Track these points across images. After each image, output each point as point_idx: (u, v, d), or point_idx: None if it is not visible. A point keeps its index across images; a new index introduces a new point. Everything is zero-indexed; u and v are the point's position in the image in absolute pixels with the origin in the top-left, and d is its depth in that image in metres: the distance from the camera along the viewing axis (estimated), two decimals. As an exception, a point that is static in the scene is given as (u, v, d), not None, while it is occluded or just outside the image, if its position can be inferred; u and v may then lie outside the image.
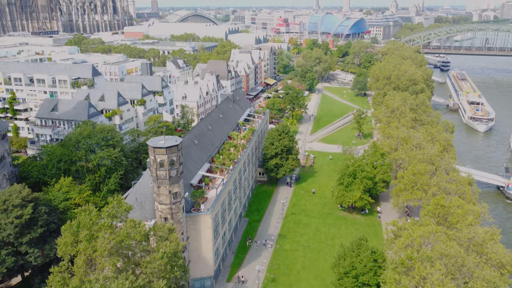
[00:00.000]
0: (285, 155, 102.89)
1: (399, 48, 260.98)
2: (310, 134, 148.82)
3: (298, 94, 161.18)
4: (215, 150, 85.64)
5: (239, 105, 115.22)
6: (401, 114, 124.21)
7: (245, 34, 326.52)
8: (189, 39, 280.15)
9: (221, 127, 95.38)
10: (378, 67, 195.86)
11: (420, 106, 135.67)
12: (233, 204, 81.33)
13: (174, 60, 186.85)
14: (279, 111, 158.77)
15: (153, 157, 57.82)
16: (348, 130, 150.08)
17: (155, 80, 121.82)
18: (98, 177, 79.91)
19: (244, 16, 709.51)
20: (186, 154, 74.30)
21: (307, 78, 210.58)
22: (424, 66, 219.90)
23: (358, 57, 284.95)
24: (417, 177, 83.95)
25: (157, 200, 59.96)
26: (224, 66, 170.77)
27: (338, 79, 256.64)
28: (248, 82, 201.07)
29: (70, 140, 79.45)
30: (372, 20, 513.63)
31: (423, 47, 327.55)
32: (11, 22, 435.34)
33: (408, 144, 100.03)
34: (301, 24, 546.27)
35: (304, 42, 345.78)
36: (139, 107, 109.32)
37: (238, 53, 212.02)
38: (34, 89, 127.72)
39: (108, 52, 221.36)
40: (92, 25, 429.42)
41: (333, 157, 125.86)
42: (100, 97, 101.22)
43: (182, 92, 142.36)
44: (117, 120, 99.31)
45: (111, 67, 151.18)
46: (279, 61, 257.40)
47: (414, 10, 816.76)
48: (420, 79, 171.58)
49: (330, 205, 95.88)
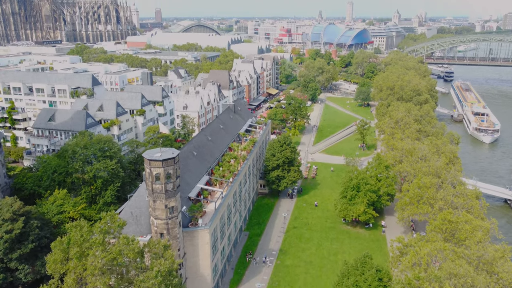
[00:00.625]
0: (287, 166, 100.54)
1: (402, 59, 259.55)
2: (313, 145, 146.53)
3: (301, 104, 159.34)
4: (215, 161, 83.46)
5: (240, 115, 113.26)
6: (405, 125, 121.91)
7: (248, 44, 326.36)
8: (192, 49, 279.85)
9: (222, 138, 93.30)
10: (381, 77, 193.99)
11: (424, 117, 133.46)
12: (233, 217, 78.87)
13: (175, 70, 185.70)
14: (281, 122, 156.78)
15: (149, 170, 55.68)
16: (351, 141, 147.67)
17: (155, 90, 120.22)
18: (94, 189, 77.79)
19: (247, 26, 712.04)
20: (184, 166, 72.20)
21: (309, 88, 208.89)
22: (428, 76, 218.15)
23: (361, 67, 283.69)
24: (422, 191, 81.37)
25: (153, 215, 57.65)
26: (225, 75, 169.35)
27: (341, 89, 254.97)
28: (250, 92, 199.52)
29: (66, 151, 77.51)
30: (375, 31, 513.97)
31: (426, 58, 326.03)
32: (15, 32, 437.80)
33: (413, 156, 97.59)
34: (304, 34, 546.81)
35: (307, 52, 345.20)
36: (139, 117, 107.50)
37: (240, 63, 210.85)
38: (33, 99, 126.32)
39: (110, 62, 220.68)
40: (95, 34, 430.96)
41: (336, 168, 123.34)
42: (98, 107, 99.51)
43: (183, 102, 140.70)
44: (115, 130, 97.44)
45: (112, 77, 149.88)
46: (281, 71, 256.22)
47: (417, 20, 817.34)
48: (424, 89, 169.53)
49: (333, 219, 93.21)
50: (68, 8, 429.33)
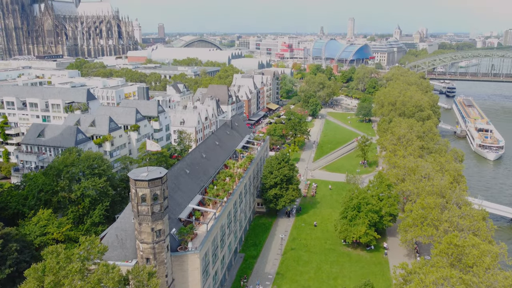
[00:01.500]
0: (285, 185, 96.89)
1: (404, 74, 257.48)
2: (313, 162, 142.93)
3: (300, 120, 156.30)
4: (209, 180, 79.91)
5: (237, 131, 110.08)
6: (407, 142, 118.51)
7: (248, 59, 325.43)
8: (192, 64, 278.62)
9: (217, 155, 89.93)
10: (382, 93, 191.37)
11: (427, 133, 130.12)
12: (227, 239, 74.95)
13: (174, 85, 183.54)
14: (281, 138, 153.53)
15: (135, 191, 52.22)
16: (352, 157, 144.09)
17: (151, 104, 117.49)
18: (82, 209, 74.15)
19: (249, 41, 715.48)
20: (175, 185, 68.72)
21: (310, 103, 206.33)
22: (430, 92, 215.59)
23: (363, 83, 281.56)
24: (426, 212, 77.49)
25: (139, 239, 53.95)
26: (224, 90, 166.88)
27: (342, 104, 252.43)
28: (250, 107, 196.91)
29: (52, 168, 74.14)
30: (376, 46, 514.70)
31: (428, 73, 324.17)
32: (17, 46, 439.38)
33: (416, 175, 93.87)
34: (305, 49, 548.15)
35: (308, 67, 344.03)
36: (133, 132, 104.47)
37: (240, 78, 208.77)
38: (27, 113, 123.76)
39: (109, 76, 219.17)
40: (97, 49, 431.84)
41: (336, 186, 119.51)
42: (91, 122, 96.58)
43: (180, 117, 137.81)
44: (107, 146, 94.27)
45: (108, 91, 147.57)
46: (282, 86, 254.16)
47: (418, 36, 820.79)
48: (426, 105, 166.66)
49: (333, 240, 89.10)
50: (70, 23, 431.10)
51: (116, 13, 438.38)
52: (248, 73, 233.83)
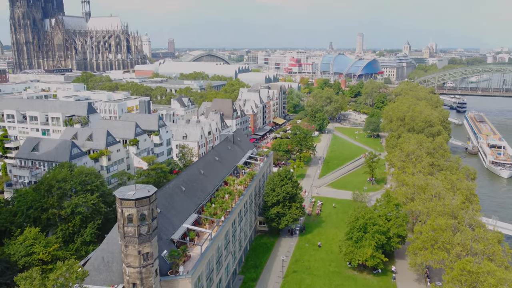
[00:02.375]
0: (288, 203, 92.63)
1: (413, 89, 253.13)
2: (319, 178, 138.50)
3: (307, 134, 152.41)
4: (207, 197, 76.12)
5: (239, 146, 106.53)
6: (417, 159, 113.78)
7: (255, 73, 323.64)
8: (198, 78, 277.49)
9: (216, 171, 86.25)
10: (391, 108, 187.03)
11: (437, 150, 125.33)
12: (224, 261, 70.71)
13: (179, 98, 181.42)
14: (286, 153, 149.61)
15: (121, 210, 48.66)
16: (360, 174, 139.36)
17: (152, 118, 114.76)
18: (72, 227, 70.65)
19: (257, 56, 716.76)
20: (169, 204, 65.04)
21: (317, 118, 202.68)
22: (440, 107, 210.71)
23: (371, 98, 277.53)
24: (437, 234, 72.63)
25: (125, 262, 50.15)
26: (229, 104, 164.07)
27: (350, 119, 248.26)
28: (255, 121, 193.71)
29: (42, 184, 71.01)
30: (385, 61, 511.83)
31: (438, 88, 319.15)
32: (28, 60, 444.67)
33: (425, 194, 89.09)
34: (313, 64, 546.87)
35: (316, 82, 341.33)
36: (131, 147, 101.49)
37: (246, 92, 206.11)
38: (27, 127, 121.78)
39: (115, 90, 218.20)
40: (105, 63, 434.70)
41: (342, 204, 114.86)
42: (88, 136, 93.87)
43: (182, 131, 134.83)
44: (104, 161, 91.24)
45: (111, 105, 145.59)
46: (289, 101, 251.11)
47: (428, 52, 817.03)
48: (436, 120, 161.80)
49: (338, 262, 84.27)
50: (80, 38, 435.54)
51: (125, 28, 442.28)
52: (254, 87, 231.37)
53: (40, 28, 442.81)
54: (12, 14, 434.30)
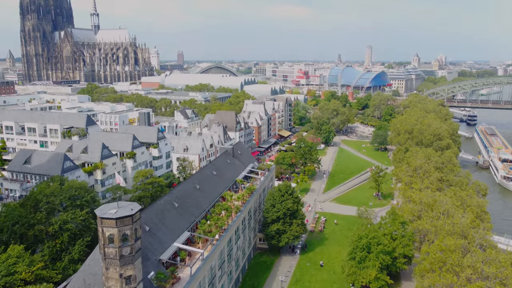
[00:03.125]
0: (288, 219, 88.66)
1: (422, 101, 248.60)
2: (323, 193, 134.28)
3: (311, 148, 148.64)
4: (202, 214, 72.60)
5: (239, 159, 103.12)
6: (424, 174, 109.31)
7: (261, 85, 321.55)
8: (204, 90, 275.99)
9: (213, 186, 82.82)
10: (399, 120, 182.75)
11: (446, 164, 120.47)
12: (218, 282, 66.84)
13: (182, 110, 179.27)
14: (290, 166, 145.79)
15: (101, 230, 45.33)
16: (365, 189, 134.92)
17: (151, 131, 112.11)
18: (60, 244, 67.41)
19: (265, 68, 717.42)
20: (159, 221, 61.66)
21: (323, 130, 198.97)
22: (450, 120, 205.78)
23: (379, 110, 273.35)
24: (445, 255, 68.04)
25: (106, 286, 46.61)
26: (232, 116, 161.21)
27: (357, 132, 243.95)
28: (260, 134, 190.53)
29: (29, 198, 68.15)
30: (394, 73, 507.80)
31: (447, 101, 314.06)
32: (37, 72, 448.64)
33: (433, 211, 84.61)
34: (321, 76, 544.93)
35: (323, 94, 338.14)
36: (128, 160, 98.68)
37: (251, 104, 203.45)
38: (25, 138, 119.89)
39: (119, 101, 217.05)
40: (113, 75, 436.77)
41: (347, 220, 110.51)
42: (83, 148, 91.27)
43: (183, 143, 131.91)
44: (98, 175, 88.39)
45: (112, 116, 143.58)
46: (295, 113, 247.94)
47: (437, 64, 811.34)
48: (445, 133, 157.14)
49: (340, 283, 79.88)
50: (88, 50, 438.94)
51: (133, 40, 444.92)
52: (260, 99, 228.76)
53: (50, 40, 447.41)
54: (23, 26, 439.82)
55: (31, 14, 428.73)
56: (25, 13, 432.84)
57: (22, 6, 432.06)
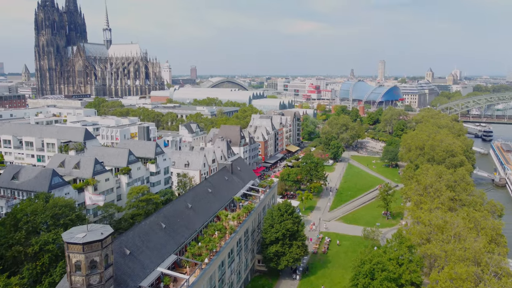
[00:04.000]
0: (288, 241, 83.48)
1: (435, 116, 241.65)
2: (329, 211, 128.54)
3: (317, 164, 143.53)
4: (192, 235, 68.09)
5: (239, 176, 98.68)
6: (435, 193, 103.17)
7: (269, 99, 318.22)
8: (212, 104, 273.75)
9: (208, 204, 78.38)
10: (410, 136, 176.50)
11: (459, 183, 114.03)
12: (207, 310, 61.86)
13: (187, 125, 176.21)
14: (295, 183, 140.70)
15: (67, 256, 41.25)
16: (374, 207, 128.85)
17: (149, 145, 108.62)
18: (41, 266, 63.44)
19: (277, 83, 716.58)
20: (143, 243, 57.31)
21: (331, 146, 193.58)
22: (463, 135, 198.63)
23: (390, 125, 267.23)
24: (456, 284, 62.04)
25: (72, 318, 42.33)
26: (237, 131, 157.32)
27: (367, 147, 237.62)
28: (266, 149, 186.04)
29: (9, 217, 64.55)
30: (407, 88, 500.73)
31: (462, 116, 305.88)
32: (50, 86, 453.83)
33: (444, 234, 78.57)
34: (333, 91, 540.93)
35: (333, 109, 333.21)
36: (123, 176, 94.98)
37: (258, 118, 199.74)
38: (23, 152, 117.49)
39: (125, 115, 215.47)
40: (124, 89, 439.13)
41: (352, 241, 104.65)
42: (75, 164, 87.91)
43: (185, 159, 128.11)
44: (89, 191, 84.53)
45: (113, 131, 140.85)
46: (303, 127, 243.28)
47: (451, 79, 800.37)
48: (458, 150, 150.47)
49: (342, 311, 74.05)
50: (100, 64, 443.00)
51: (144, 55, 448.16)
52: (268, 114, 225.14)
53: (63, 55, 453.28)
54: (37, 42, 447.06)
55: (45, 29, 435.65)
56: (40, 29, 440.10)
57: (37, 22, 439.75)
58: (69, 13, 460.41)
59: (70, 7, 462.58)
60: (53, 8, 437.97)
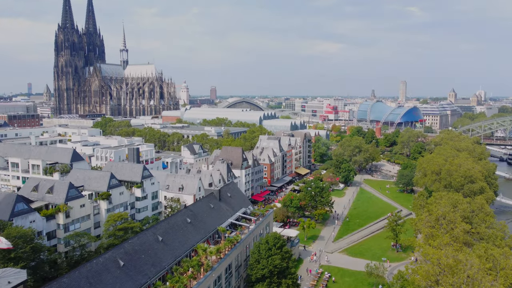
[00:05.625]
0: (276, 279, 73.90)
1: (455, 138, 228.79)
2: (333, 242, 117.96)
3: (323, 188, 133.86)
4: (159, 274, 59.69)
5: (228, 203, 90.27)
6: (448, 225, 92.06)
7: (280, 120, 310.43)
8: (221, 124, 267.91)
9: (184, 236, 70.06)
10: (425, 160, 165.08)
11: (477, 213, 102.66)
12: None
13: (189, 146, 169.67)
14: (298, 209, 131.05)
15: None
16: (383, 238, 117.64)
17: (135, 168, 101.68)
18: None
19: (294, 103, 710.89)
20: (90, 285, 49.24)
21: (342, 169, 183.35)
22: (485, 159, 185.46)
23: (407, 147, 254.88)
24: None
25: None
26: (239, 153, 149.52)
27: (382, 170, 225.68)
28: (273, 171, 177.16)
29: (-49, 251, 57.72)
30: (427, 109, 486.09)
31: (485, 138, 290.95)
32: (67, 106, 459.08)
33: (455, 276, 67.74)
34: (350, 111, 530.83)
35: (348, 130, 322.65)
36: (102, 201, 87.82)
37: (266, 140, 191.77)
38: (8, 174, 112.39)
39: (131, 135, 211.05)
40: (138, 109, 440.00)
41: (355, 277, 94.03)
42: (49, 188, 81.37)
43: (179, 182, 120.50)
44: (60, 219, 77.68)
45: (107, 151, 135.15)
46: (315, 149, 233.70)
47: (476, 100, 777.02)
48: (478, 175, 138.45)
49: None
50: (116, 84, 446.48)
51: (159, 75, 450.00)
52: (277, 135, 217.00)
53: (81, 75, 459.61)
54: (56, 62, 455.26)
55: (64, 50, 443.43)
56: (59, 50, 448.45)
57: (57, 44, 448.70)
58: (88, 34, 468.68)
59: (89, 28, 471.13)
60: (72, 30, 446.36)
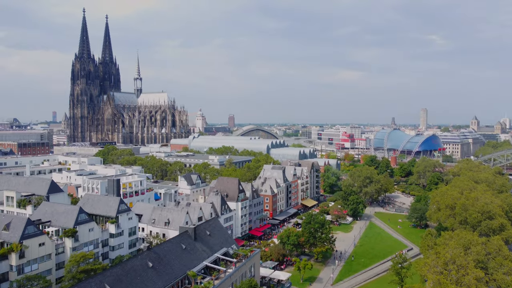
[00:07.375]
0: (250, 336, 63.47)
1: (474, 168, 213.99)
2: (332, 284, 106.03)
3: (323, 224, 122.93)
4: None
5: (206, 243, 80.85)
6: (459, 271, 79.95)
7: (289, 149, 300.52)
8: (226, 152, 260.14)
9: (141, 284, 60.72)
10: (439, 192, 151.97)
11: (493, 256, 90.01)
12: None
13: (187, 175, 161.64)
14: (296, 247, 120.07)
15: None
16: (389, 281, 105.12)
17: (111, 202, 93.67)
18: None
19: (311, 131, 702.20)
20: None
21: (350, 201, 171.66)
22: (507, 192, 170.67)
23: (424, 177, 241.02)
24: None
25: None
26: (235, 184, 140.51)
27: (396, 203, 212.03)
28: (275, 203, 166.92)
29: None
30: (448, 137, 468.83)
31: (508, 168, 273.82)
32: (81, 134, 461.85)
33: None
34: (367, 140, 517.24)
35: (362, 159, 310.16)
36: (67, 239, 79.66)
37: (270, 169, 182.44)
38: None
39: (132, 164, 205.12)
40: (150, 137, 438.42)
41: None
42: (5, 225, 73.84)
43: (165, 216, 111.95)
44: (13, 259, 69.60)
45: (94, 182, 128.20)
46: (324, 179, 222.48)
47: (500, 128, 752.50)
48: (498, 210, 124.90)
49: None
50: (128, 112, 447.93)
51: (171, 103, 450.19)
52: (284, 164, 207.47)
53: (96, 103, 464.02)
54: (72, 91, 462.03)
55: (80, 79, 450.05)
56: (75, 79, 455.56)
57: (73, 73, 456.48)
58: (104, 63, 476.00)
59: (106, 58, 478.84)
60: (89, 59, 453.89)
